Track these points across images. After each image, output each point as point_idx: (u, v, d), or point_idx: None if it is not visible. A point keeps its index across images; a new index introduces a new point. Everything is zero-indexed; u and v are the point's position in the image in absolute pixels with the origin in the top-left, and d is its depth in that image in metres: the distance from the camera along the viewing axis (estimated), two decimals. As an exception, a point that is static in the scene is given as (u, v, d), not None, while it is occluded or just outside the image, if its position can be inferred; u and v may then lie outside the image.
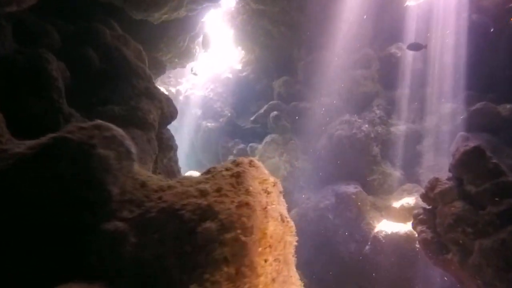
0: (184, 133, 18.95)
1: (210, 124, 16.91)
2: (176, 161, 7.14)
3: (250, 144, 14.32)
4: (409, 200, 10.20)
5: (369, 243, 10.12)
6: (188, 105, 17.91)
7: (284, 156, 13.04)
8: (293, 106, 13.97)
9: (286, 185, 12.67)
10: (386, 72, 12.91)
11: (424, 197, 6.29)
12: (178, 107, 18.56)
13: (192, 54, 13.08)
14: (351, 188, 11.12)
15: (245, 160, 2.34)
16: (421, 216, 6.21)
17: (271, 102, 14.34)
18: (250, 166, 2.30)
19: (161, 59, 10.44)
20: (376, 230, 10.04)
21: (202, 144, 17.44)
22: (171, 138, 6.84)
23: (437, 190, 5.80)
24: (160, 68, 10.33)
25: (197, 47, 13.54)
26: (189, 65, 16.93)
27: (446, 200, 5.65)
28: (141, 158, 5.01)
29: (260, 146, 13.77)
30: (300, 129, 13.60)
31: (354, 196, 10.85)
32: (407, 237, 8.97)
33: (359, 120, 12.10)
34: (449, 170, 5.95)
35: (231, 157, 16.51)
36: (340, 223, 10.82)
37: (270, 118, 13.70)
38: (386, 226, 9.92)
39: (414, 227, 6.40)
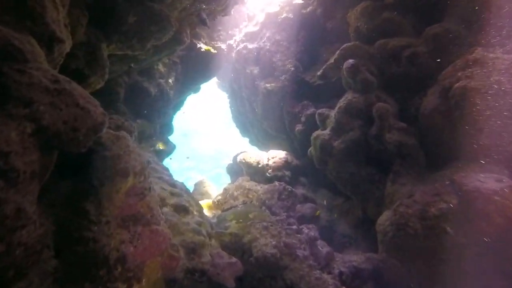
0: (243, 98, 15.71)
1: (269, 85, 13.13)
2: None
3: (319, 111, 10.22)
4: None
5: (531, 287, 5.63)
6: (241, 63, 14.34)
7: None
8: (380, 46, 9.13)
9: (370, 172, 8.52)
10: None
11: None
12: (231, 66, 15.18)
13: (224, -7, 9.31)
14: (491, 181, 6.37)
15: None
16: None
17: (344, 45, 9.71)
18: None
19: (163, 9, 6.99)
20: (548, 266, 5.41)
21: (263, 110, 13.97)
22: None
23: None
24: (161, 22, 6.94)
25: (230, -19, 9.66)
26: (234, 11, 13.15)
27: None
28: None
29: (332, 114, 9.61)
30: (392, 82, 8.84)
31: (497, 198, 6.15)
32: None
33: (507, 59, 6.75)
34: None
35: (299, 126, 12.68)
36: (468, 243, 6.40)
37: (343, 70, 9.25)
38: None
39: None
